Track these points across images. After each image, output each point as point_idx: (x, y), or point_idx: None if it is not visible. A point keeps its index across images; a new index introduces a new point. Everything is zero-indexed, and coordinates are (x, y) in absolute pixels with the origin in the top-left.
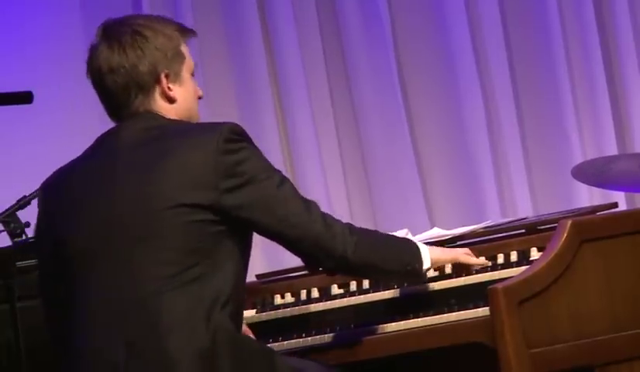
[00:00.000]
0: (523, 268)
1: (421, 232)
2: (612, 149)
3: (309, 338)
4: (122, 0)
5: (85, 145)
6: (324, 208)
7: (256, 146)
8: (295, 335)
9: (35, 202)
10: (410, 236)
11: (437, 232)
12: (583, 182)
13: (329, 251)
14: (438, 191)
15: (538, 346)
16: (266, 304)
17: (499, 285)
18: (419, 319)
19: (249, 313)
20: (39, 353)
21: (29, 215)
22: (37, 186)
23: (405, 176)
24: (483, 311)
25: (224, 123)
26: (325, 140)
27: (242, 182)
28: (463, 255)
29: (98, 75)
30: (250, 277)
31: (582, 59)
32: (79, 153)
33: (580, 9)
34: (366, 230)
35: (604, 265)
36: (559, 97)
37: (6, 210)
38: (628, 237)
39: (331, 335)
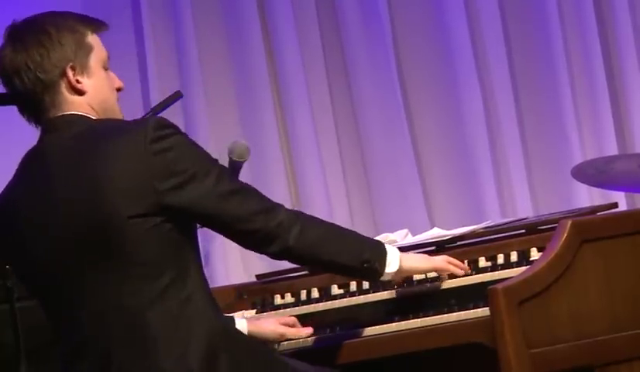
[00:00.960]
0: (523, 268)
1: (421, 232)
2: (612, 146)
3: (309, 338)
4: None
5: None
6: (323, 205)
7: (184, 136)
8: None
9: None
10: (410, 237)
11: (437, 232)
12: (583, 182)
13: (272, 239)
14: (437, 188)
15: (538, 346)
16: (266, 304)
17: (499, 285)
18: (419, 319)
19: (249, 313)
20: (39, 353)
21: None
22: None
23: (404, 172)
24: (482, 311)
25: (147, 121)
26: (324, 137)
27: (181, 181)
28: (441, 264)
29: (5, 79)
30: (250, 277)
31: (581, 54)
32: None
33: (579, 3)
34: (319, 221)
35: (604, 265)
36: (558, 92)
37: None
38: (628, 237)
39: (331, 335)
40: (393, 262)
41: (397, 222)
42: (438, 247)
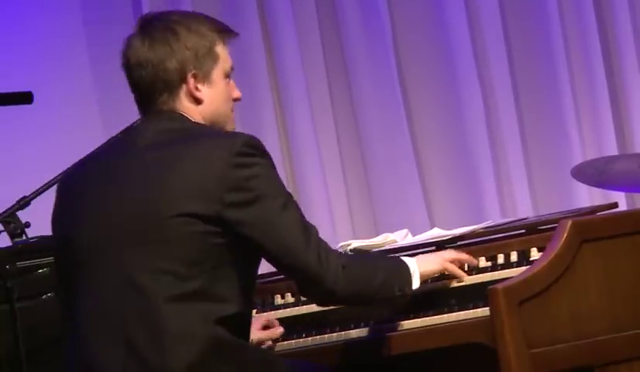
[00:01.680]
0: (523, 268)
1: (421, 232)
2: (612, 145)
3: (309, 338)
4: None
5: (85, 145)
6: (323, 204)
7: (270, 162)
8: (295, 336)
9: (35, 202)
10: (410, 237)
11: (437, 233)
12: (583, 182)
13: (319, 284)
14: (437, 186)
15: (539, 346)
16: (266, 304)
17: (499, 285)
18: (419, 319)
19: None
20: (39, 353)
21: (29, 215)
22: (37, 186)
23: (404, 171)
24: (482, 311)
25: (240, 135)
26: (323, 136)
27: (247, 199)
28: (451, 265)
29: (127, 67)
30: None
31: (581, 51)
32: (79, 153)
33: (579, 1)
34: (359, 262)
35: (604, 265)
36: (558, 90)
37: (6, 210)
38: (628, 237)
39: (331, 335)
40: (415, 276)
41: (396, 221)
42: (438, 247)
